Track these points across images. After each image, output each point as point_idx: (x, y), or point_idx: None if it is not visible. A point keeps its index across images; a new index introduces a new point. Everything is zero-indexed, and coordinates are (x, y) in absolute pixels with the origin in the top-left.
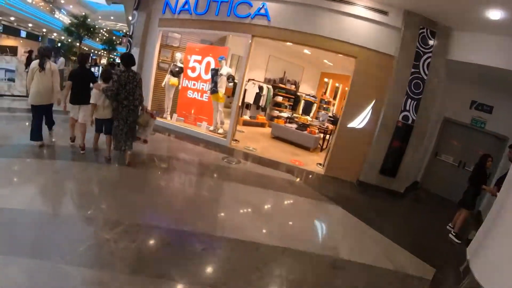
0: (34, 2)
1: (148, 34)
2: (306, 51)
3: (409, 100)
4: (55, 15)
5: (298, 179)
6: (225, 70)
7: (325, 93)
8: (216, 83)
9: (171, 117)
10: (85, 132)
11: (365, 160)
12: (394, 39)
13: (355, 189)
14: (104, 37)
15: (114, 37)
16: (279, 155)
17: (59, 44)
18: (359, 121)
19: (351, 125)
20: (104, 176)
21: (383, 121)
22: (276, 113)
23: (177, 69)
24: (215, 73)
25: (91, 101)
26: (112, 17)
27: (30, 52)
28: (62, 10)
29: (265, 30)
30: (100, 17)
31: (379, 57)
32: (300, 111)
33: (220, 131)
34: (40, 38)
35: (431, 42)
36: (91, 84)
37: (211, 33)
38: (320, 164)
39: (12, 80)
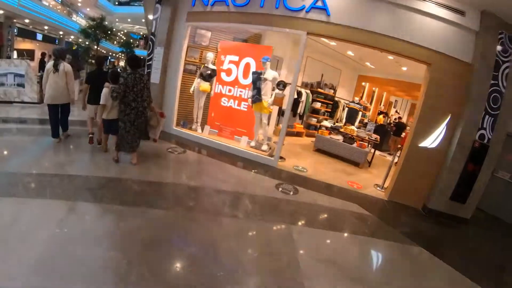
0: (51, 6)
1: (174, 31)
2: (350, 52)
3: (487, 116)
4: (73, 18)
5: (365, 211)
6: (270, 74)
7: (361, 97)
8: (259, 90)
9: (202, 129)
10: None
11: (435, 184)
12: (470, 44)
13: (424, 218)
14: (122, 40)
15: (131, 40)
16: (333, 176)
17: (75, 47)
18: (432, 140)
19: (423, 144)
20: (126, 227)
21: (460, 140)
22: (313, 121)
23: (208, 72)
24: (258, 77)
25: (101, 102)
26: (129, 20)
27: (43, 54)
28: (79, 13)
29: (323, 27)
30: (117, 19)
31: (456, 64)
32: (344, 120)
33: (264, 147)
34: (57, 41)
35: (509, 50)
36: None
37: (254, 28)
38: (378, 185)
39: (22, 85)
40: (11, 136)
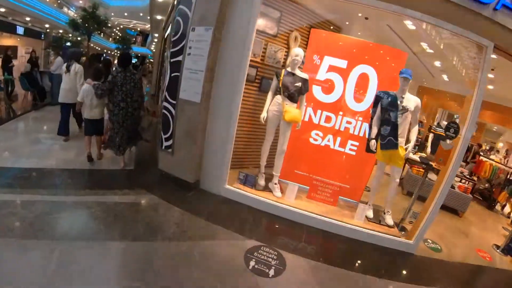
0: None
1: (228, 6)
2: (437, 63)
3: None
4: (63, 10)
5: None
6: (412, 100)
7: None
8: (395, 126)
9: (282, 191)
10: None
11: None
12: None
13: None
14: (117, 37)
15: (128, 36)
16: (462, 246)
17: (63, 42)
18: None
19: None
20: None
21: None
22: None
23: (298, 84)
24: (392, 104)
25: (79, 98)
26: (125, 14)
27: (6, 51)
28: (71, 6)
29: None
30: (112, 14)
31: None
32: (429, 150)
33: (389, 220)
34: (43, 36)
35: None
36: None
37: (406, 15)
38: (497, 247)
39: None
40: None
